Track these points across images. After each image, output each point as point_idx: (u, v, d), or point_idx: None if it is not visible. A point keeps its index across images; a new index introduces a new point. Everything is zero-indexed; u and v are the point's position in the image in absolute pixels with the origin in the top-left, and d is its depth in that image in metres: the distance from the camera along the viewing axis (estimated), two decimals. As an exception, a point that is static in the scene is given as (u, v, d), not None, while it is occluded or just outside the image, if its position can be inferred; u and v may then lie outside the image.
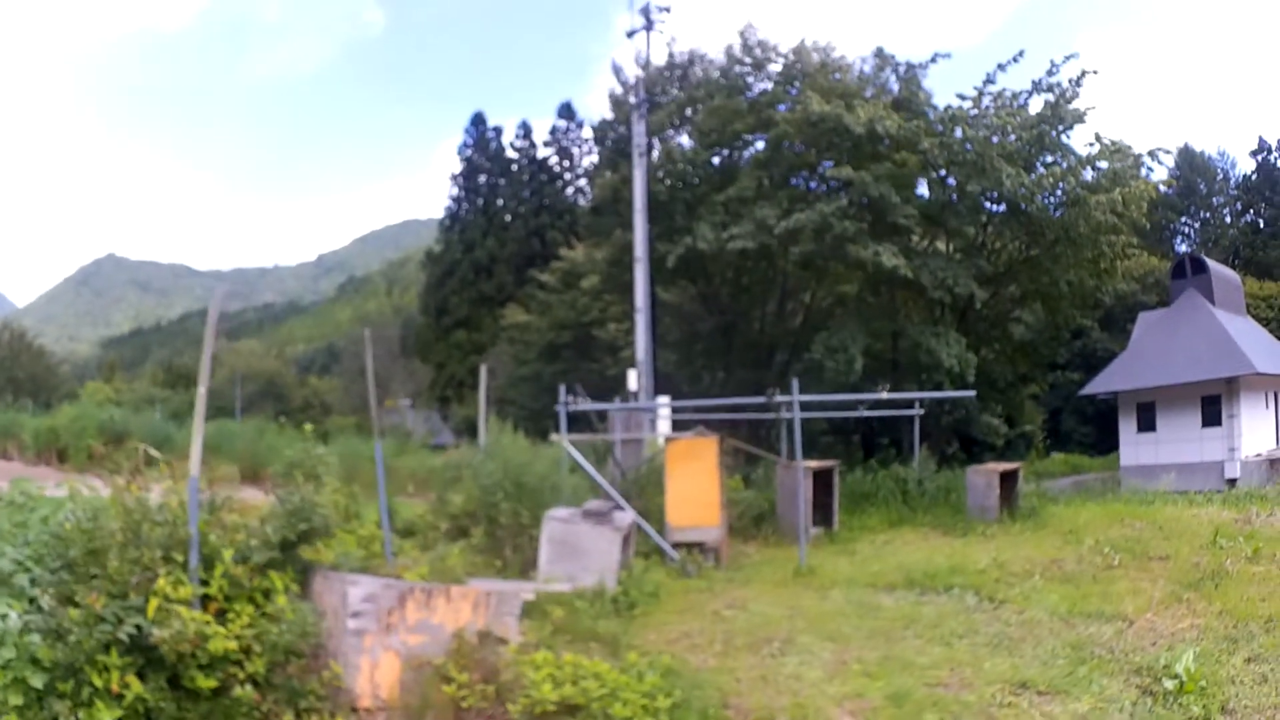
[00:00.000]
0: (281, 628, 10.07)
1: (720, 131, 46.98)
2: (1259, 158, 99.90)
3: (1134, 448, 52.34)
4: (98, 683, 8.90)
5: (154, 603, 9.53)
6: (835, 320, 45.33)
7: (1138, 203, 42.25)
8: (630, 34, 46.71)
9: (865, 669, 11.80)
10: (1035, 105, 43.30)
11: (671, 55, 51.54)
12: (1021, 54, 43.94)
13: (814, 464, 25.57)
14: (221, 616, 10.07)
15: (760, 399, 26.44)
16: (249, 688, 9.50)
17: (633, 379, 38.95)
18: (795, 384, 22.25)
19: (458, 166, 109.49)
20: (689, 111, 48.95)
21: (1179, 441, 49.43)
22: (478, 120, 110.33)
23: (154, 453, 12.28)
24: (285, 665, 10.03)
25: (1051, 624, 13.83)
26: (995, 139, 41.85)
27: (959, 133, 41.41)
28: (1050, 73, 43.29)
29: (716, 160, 49.32)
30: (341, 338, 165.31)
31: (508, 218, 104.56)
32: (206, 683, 9.34)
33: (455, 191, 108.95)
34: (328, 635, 10.83)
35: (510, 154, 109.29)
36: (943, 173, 43.57)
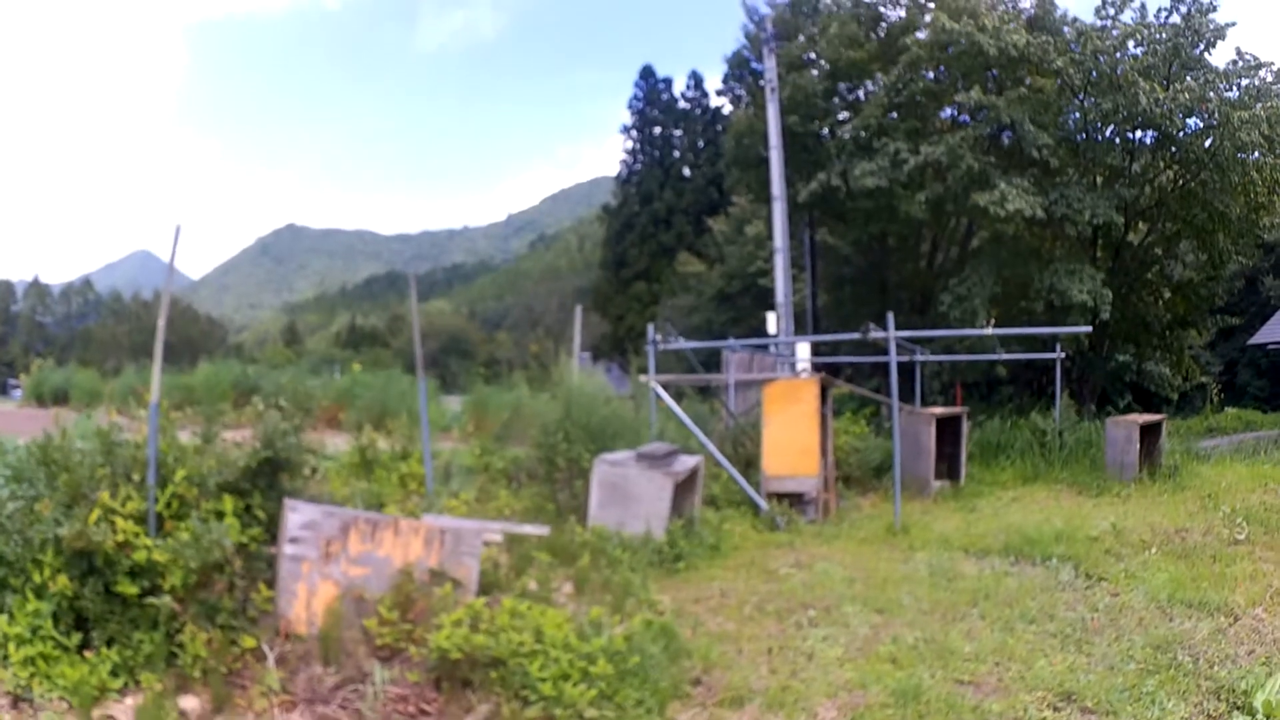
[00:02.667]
0: (197, 546, 9.77)
1: (841, 61, 44.93)
2: None
3: None
4: (36, 578, 9.33)
5: (95, 512, 9.70)
6: (969, 265, 42.91)
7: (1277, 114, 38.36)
8: None
9: (895, 652, 10.22)
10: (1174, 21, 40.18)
11: None
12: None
13: (939, 410, 24.90)
14: (163, 531, 10.17)
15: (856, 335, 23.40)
16: (168, 598, 9.43)
17: (771, 322, 37.35)
18: (890, 320, 20.21)
19: (630, 121, 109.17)
20: (820, 44, 46.35)
21: None
22: (646, 73, 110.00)
23: (282, 403, 11.76)
24: (211, 583, 9.95)
25: (1145, 613, 11.74)
26: (1129, 54, 39.33)
27: (1090, 48, 38.61)
28: None
29: (842, 93, 47.13)
30: (528, 295, 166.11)
31: (685, 170, 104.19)
32: (129, 589, 9.44)
33: (629, 145, 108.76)
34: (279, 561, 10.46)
35: (683, 105, 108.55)
36: (1081, 97, 40.18)
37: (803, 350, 31.57)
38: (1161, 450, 24.51)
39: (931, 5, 42.52)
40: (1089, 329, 34.07)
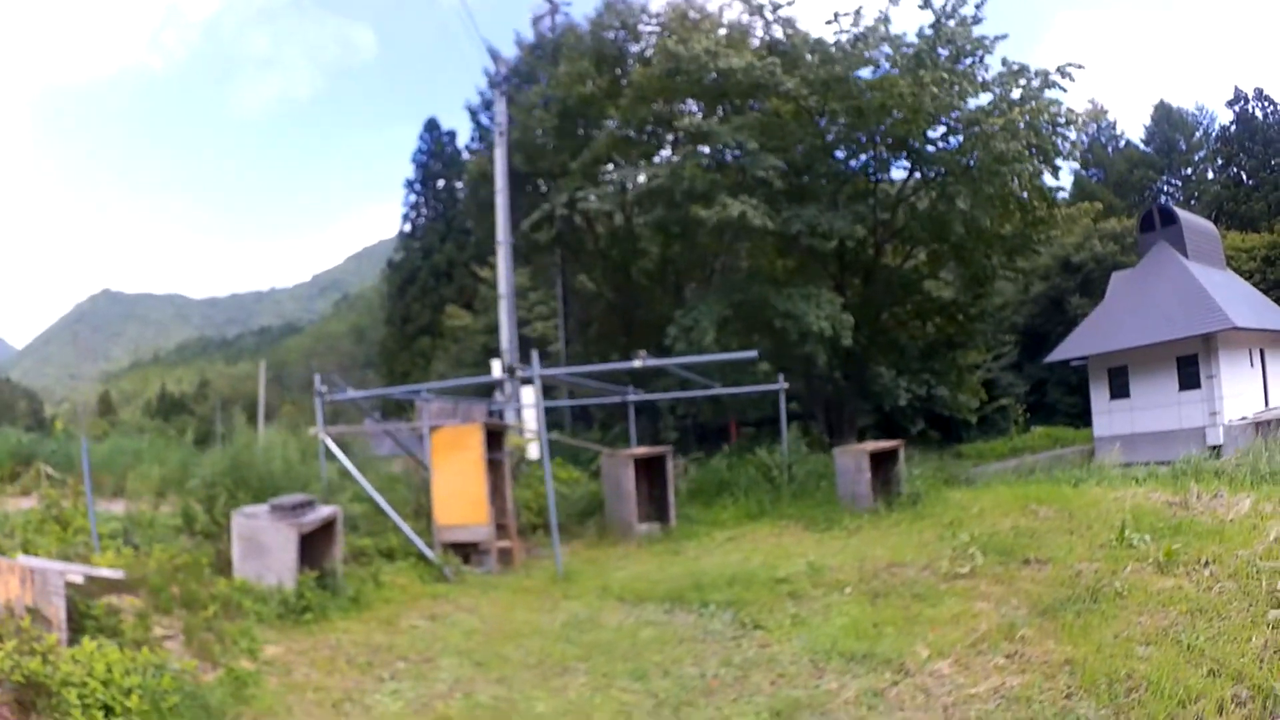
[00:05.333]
0: None
1: (571, 99, 43.47)
2: (1236, 108, 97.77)
3: (1107, 417, 48.74)
4: None
5: None
6: (691, 294, 43.20)
7: (1039, 118, 38.46)
8: (536, 19, 46.75)
9: (460, 710, 9.90)
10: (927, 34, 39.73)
11: (548, 31, 48.92)
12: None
13: (641, 451, 24.06)
14: None
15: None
16: None
17: (496, 369, 35.98)
18: (511, 365, 20.03)
19: (414, 174, 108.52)
20: (552, 85, 45.71)
21: (1155, 408, 46.02)
22: (431, 126, 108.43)
23: (51, 471, 14.57)
24: None
25: (790, 668, 10.60)
26: (879, 70, 38.77)
27: (824, 70, 37.84)
28: None
29: (574, 131, 45.16)
30: (336, 354, 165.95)
31: (468, 221, 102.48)
32: None
33: (413, 199, 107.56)
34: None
35: (466, 156, 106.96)
36: (822, 119, 39.54)
37: (528, 396, 30.53)
38: (899, 478, 23.11)
39: (664, 35, 41.30)
40: (754, 354, 30.42)
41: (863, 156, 41.11)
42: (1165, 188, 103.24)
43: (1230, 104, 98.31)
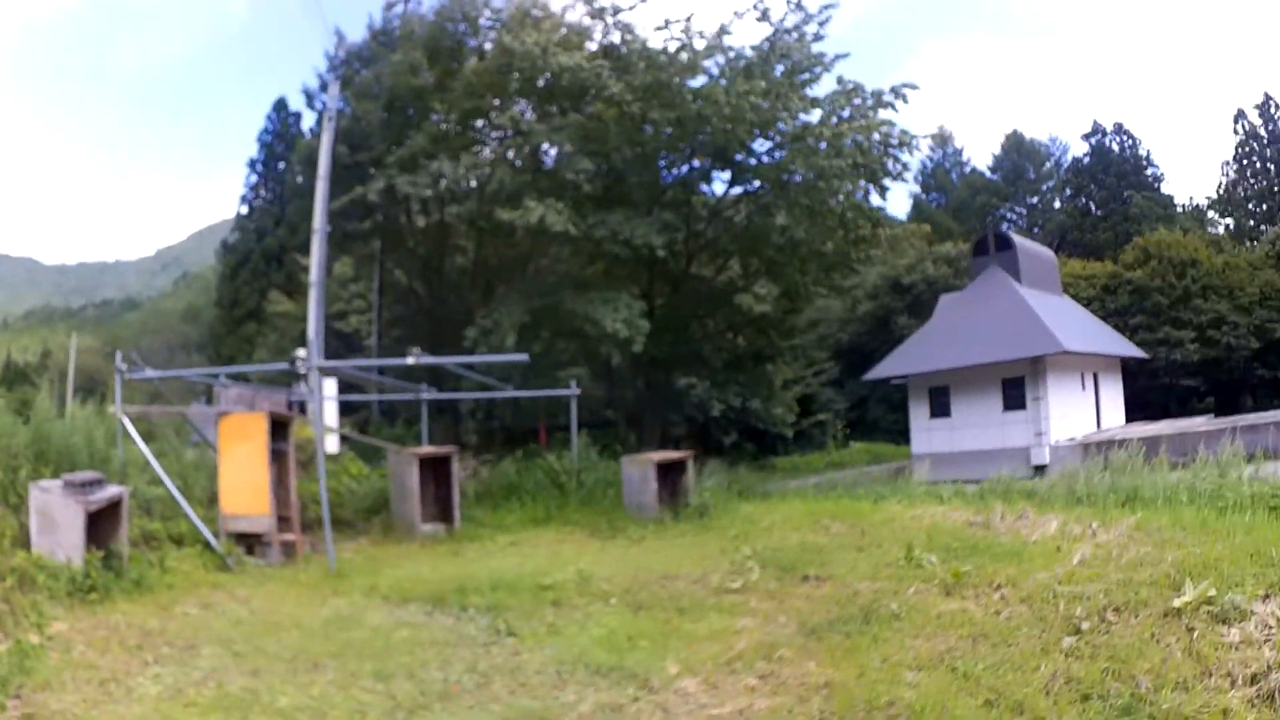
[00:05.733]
0: None
1: (401, 89, 43.11)
2: (1092, 140, 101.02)
3: (926, 434, 49.41)
4: None
5: None
6: (497, 295, 42.74)
7: (868, 137, 38.85)
8: (388, 4, 45.65)
9: (210, 697, 9.66)
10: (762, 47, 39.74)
11: (398, 18, 47.78)
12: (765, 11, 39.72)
13: (426, 450, 23.81)
14: None
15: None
16: None
17: (301, 357, 34.23)
18: (307, 356, 21.47)
19: (257, 154, 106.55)
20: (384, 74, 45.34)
21: (977, 427, 46.83)
22: (280, 106, 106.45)
23: None
24: None
25: (536, 677, 10.31)
26: (711, 79, 38.62)
27: (650, 75, 37.65)
28: (795, 8, 39.42)
29: (400, 123, 44.51)
30: (170, 333, 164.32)
31: (290, 206, 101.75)
32: None
33: (253, 179, 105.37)
34: None
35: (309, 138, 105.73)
36: (648, 127, 38.97)
37: (330, 388, 29.70)
38: (686, 489, 23.14)
39: (502, 30, 41.19)
40: (524, 356, 30.18)
41: (684, 166, 41.02)
42: (1009, 215, 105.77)
43: (1086, 136, 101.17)
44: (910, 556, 14.13)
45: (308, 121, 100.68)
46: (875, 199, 42.60)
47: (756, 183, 39.84)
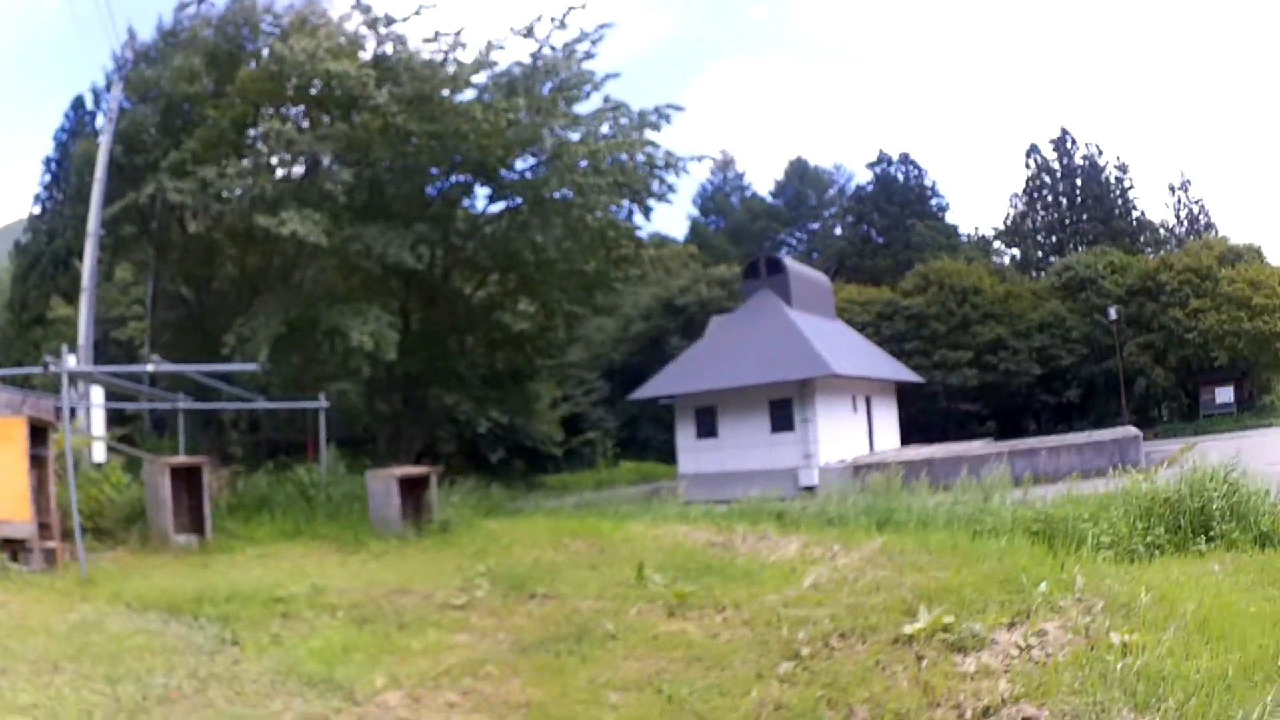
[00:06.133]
0: None
1: (177, 95, 42.18)
2: (877, 169, 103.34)
3: (694, 455, 49.79)
4: None
5: None
6: (256, 305, 41.86)
7: (632, 157, 39.83)
8: (181, 4, 43.96)
9: None
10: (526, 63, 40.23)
11: (189, 20, 45.88)
12: (538, 19, 40.06)
13: (178, 460, 23.29)
14: None
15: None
16: None
17: (70, 362, 33.87)
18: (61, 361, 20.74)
19: (52, 152, 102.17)
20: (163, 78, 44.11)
21: (744, 448, 47.12)
22: (78, 103, 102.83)
23: None
24: None
25: (252, 685, 10.26)
26: (478, 95, 38.99)
27: (413, 87, 37.87)
28: (560, 27, 39.98)
29: (176, 127, 43.45)
30: None
31: (66, 208, 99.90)
32: None
33: (48, 178, 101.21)
34: None
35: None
36: (413, 140, 39.06)
37: (97, 395, 29.49)
38: (430, 505, 23.40)
39: (280, 37, 40.96)
40: (254, 365, 32.02)
41: (446, 181, 41.22)
42: (789, 240, 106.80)
43: (871, 165, 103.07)
44: (640, 576, 14.32)
45: (102, 120, 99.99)
46: (640, 219, 43.32)
47: (517, 199, 40.13)
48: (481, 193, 41.63)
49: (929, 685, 8.81)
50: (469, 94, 38.27)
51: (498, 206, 41.77)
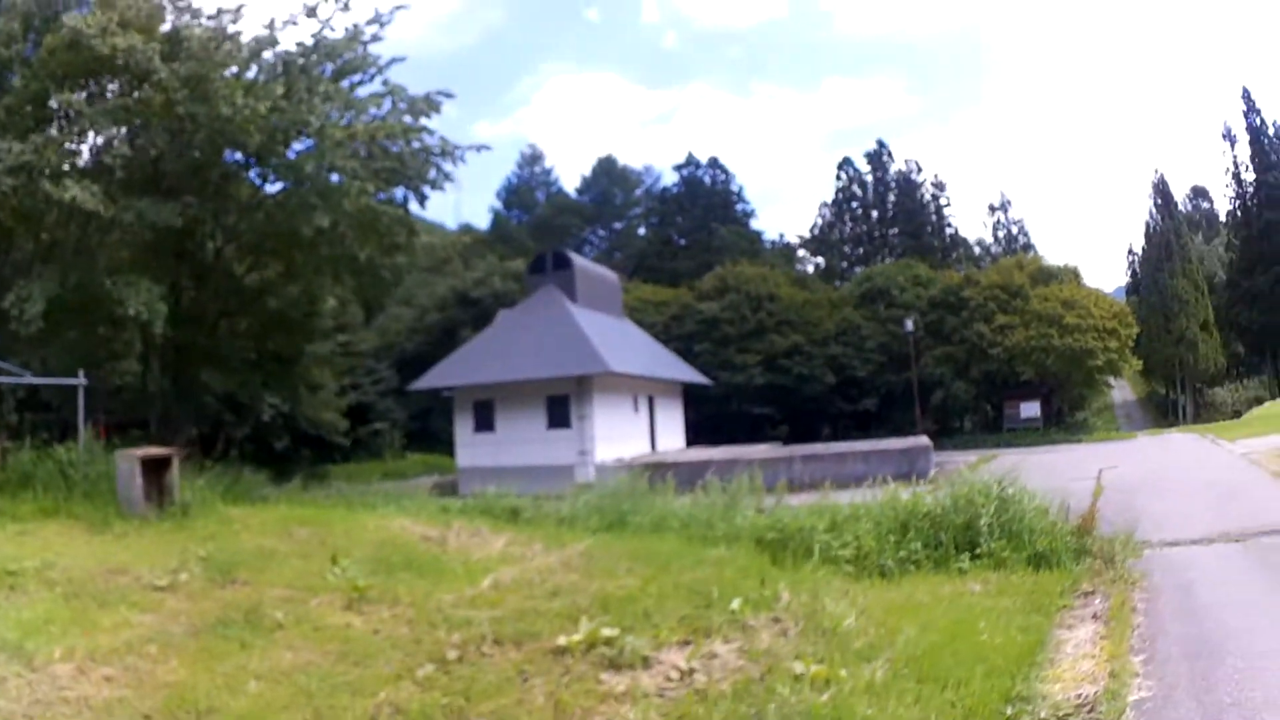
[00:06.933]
0: None
1: None
2: (684, 172, 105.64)
3: (471, 448, 50.10)
4: None
5: None
6: (33, 274, 39.68)
7: (406, 143, 39.93)
8: None
9: None
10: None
11: None
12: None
13: None
14: None
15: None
16: None
17: None
18: None
19: None
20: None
21: (521, 443, 47.56)
22: None
23: None
24: None
25: None
26: (256, 72, 39.02)
27: (190, 63, 37.01)
28: (343, 9, 40.30)
29: None
30: None
31: None
32: None
33: None
34: None
35: None
36: (191, 118, 37.90)
37: None
38: (171, 487, 23.24)
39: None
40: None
41: (221, 160, 40.44)
42: (592, 237, 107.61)
43: (678, 167, 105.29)
44: (338, 564, 14.62)
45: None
46: (416, 207, 43.35)
47: (288, 182, 40.12)
48: (256, 175, 41.76)
49: (563, 703, 9.05)
50: (252, 73, 38.57)
51: (276, 188, 41.54)
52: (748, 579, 13.60)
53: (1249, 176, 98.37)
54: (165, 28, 39.17)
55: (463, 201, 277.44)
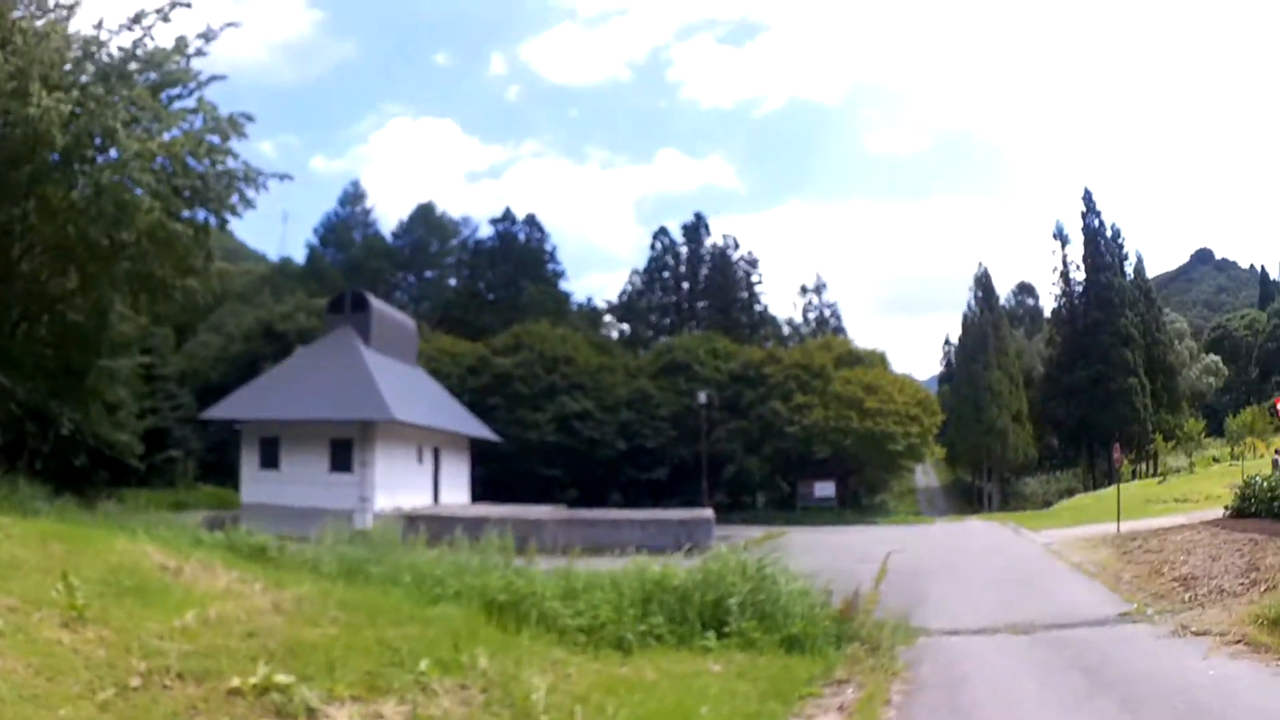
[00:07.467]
0: None
1: None
2: (500, 226, 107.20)
3: (256, 485, 49.34)
4: None
5: None
6: None
7: (211, 162, 40.58)
8: None
9: None
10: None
11: None
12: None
13: None
14: None
15: None
16: None
17: None
18: None
19: None
20: None
21: (304, 484, 46.99)
22: None
23: None
24: None
25: None
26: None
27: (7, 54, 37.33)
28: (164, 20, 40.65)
29: None
30: None
31: None
32: None
33: None
34: None
35: None
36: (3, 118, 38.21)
37: None
38: None
39: None
40: None
41: (29, 163, 39.21)
42: (403, 283, 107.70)
43: (494, 221, 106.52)
44: (65, 581, 13.36)
45: None
46: (224, 232, 44.59)
47: (89, 189, 38.94)
48: (63, 179, 40.44)
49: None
50: (85, 77, 38.52)
51: (87, 194, 39.62)
52: (448, 640, 13.42)
53: (1079, 275, 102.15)
54: (17, 13, 39.18)
55: (289, 233, 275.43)
